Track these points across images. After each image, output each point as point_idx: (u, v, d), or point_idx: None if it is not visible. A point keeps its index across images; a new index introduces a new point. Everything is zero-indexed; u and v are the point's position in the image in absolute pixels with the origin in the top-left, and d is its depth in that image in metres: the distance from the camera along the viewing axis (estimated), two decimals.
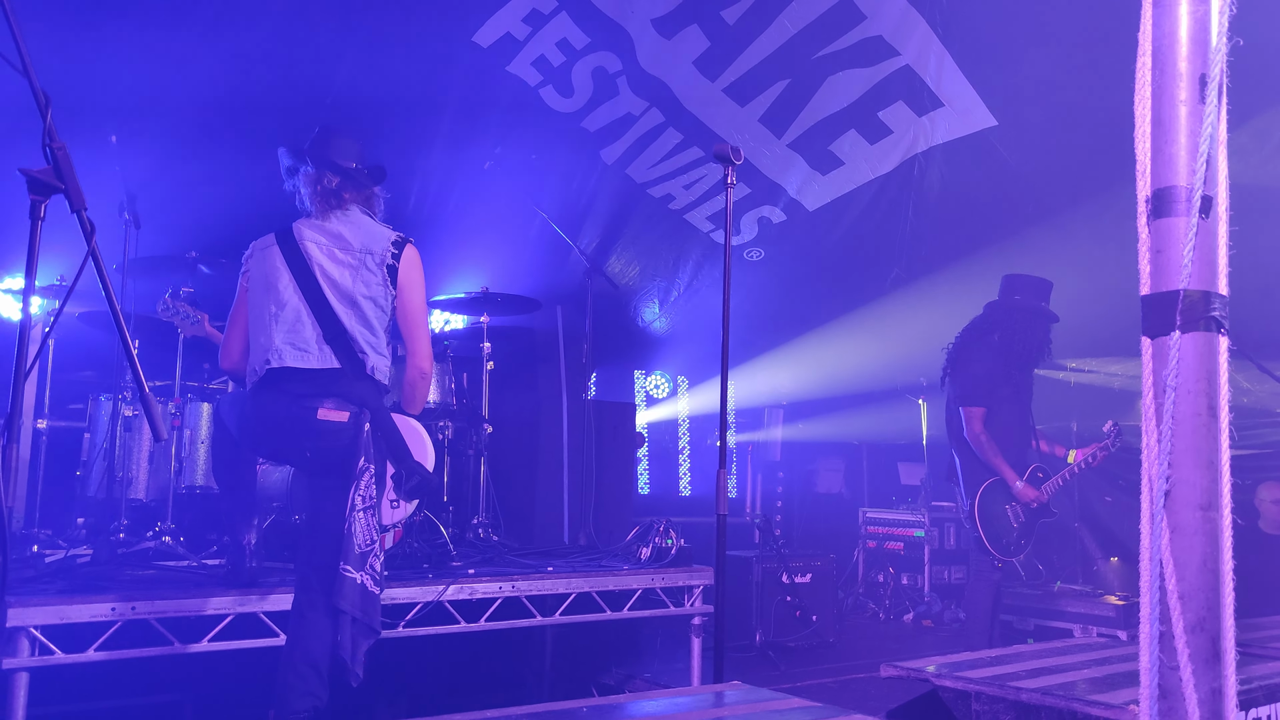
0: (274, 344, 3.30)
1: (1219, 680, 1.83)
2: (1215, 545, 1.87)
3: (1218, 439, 1.91)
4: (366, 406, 3.31)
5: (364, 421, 3.28)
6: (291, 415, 3.25)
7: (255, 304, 3.42)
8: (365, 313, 3.38)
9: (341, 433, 3.26)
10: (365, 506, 3.20)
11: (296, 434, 3.26)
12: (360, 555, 3.17)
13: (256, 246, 3.51)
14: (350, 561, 3.14)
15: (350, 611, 3.13)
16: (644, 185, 6.88)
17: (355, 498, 3.18)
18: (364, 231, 3.46)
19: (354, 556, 3.15)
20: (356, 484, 3.20)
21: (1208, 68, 1.95)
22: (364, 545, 3.18)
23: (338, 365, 3.31)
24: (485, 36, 5.63)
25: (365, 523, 3.19)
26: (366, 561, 3.18)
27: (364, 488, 3.21)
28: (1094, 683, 2.32)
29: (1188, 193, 1.95)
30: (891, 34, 5.67)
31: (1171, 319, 1.92)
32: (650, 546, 4.86)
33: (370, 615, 3.18)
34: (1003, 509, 5.15)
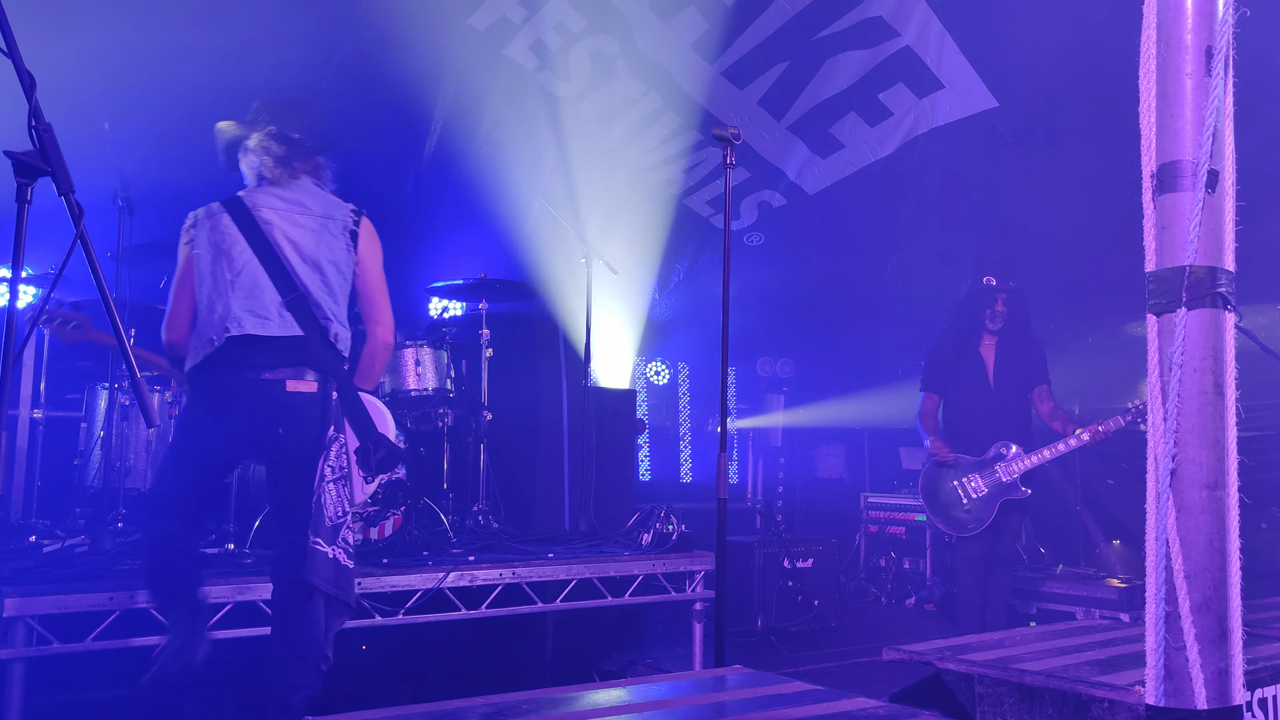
0: (232, 311, 3.15)
1: (1226, 660, 1.81)
2: (1222, 525, 1.85)
3: (1224, 417, 1.89)
4: (333, 375, 3.20)
5: (331, 390, 3.17)
6: (259, 393, 3.11)
7: (206, 272, 3.24)
8: (329, 278, 3.27)
9: (312, 404, 3.15)
10: (336, 477, 3.09)
11: (268, 412, 3.11)
12: (332, 528, 3.05)
13: (200, 215, 3.33)
14: (321, 534, 3.02)
15: (323, 587, 3.02)
16: (643, 169, 6.84)
17: (325, 468, 3.07)
18: (322, 198, 3.38)
19: (325, 529, 3.03)
20: (326, 454, 3.09)
21: (1214, 40, 1.92)
22: (335, 517, 3.07)
23: (300, 333, 3.18)
24: (481, 20, 5.59)
25: (336, 494, 3.08)
26: (339, 534, 3.07)
27: (334, 458, 3.10)
28: (1098, 664, 2.30)
29: (1194, 167, 1.92)
30: (892, 15, 5.63)
31: (1178, 295, 1.89)
32: (651, 532, 4.84)
33: (344, 590, 3.08)
34: (950, 485, 5.24)
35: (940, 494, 5.30)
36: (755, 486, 8.99)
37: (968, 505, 5.20)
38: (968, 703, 2.36)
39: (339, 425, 3.16)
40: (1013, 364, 5.37)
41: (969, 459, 5.28)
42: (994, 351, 5.44)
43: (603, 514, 5.90)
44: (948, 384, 5.46)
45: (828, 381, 8.81)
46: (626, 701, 2.30)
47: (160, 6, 4.92)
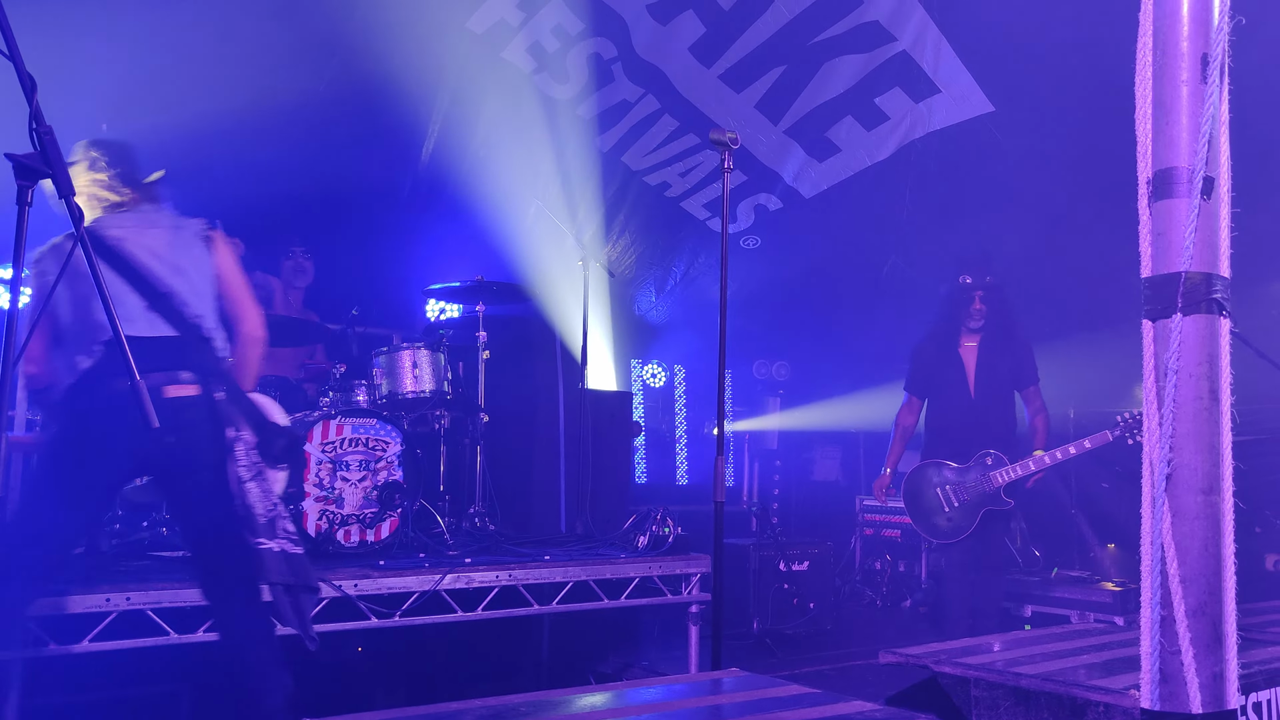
0: (97, 320, 3.00)
1: (1220, 664, 1.82)
2: (1217, 529, 1.86)
3: (1219, 422, 1.90)
4: (214, 375, 3.12)
5: (214, 391, 3.09)
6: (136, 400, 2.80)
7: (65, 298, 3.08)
8: (191, 279, 3.20)
9: (197, 407, 3.05)
10: (253, 475, 3.06)
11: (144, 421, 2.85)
12: (268, 523, 3.03)
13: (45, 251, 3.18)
14: (260, 533, 3.00)
15: (280, 581, 3.01)
16: (640, 172, 6.85)
17: (238, 470, 3.04)
18: (167, 214, 3.34)
19: (261, 526, 3.01)
20: (232, 455, 3.05)
21: (1210, 47, 1.93)
22: (266, 512, 3.04)
23: (172, 333, 3.09)
24: (479, 23, 5.60)
25: (260, 490, 3.06)
26: (277, 527, 3.05)
27: (243, 456, 3.07)
28: (1093, 668, 2.31)
29: (1189, 174, 1.93)
30: (888, 19, 5.65)
31: (1173, 301, 1.91)
32: (647, 535, 4.84)
33: (302, 575, 3.06)
34: (933, 490, 5.17)
35: (922, 500, 5.22)
36: (751, 489, 9.00)
37: (949, 513, 5.13)
38: (964, 706, 2.37)
39: (236, 424, 3.09)
40: (995, 366, 5.26)
41: (952, 466, 5.19)
42: (975, 353, 5.33)
43: (599, 516, 5.91)
44: (929, 387, 5.40)
45: (824, 384, 8.83)
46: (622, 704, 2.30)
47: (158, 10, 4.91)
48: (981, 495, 5.06)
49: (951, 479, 5.14)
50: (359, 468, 4.49)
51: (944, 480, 5.16)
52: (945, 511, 5.13)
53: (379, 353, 5.09)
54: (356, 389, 5.00)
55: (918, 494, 5.24)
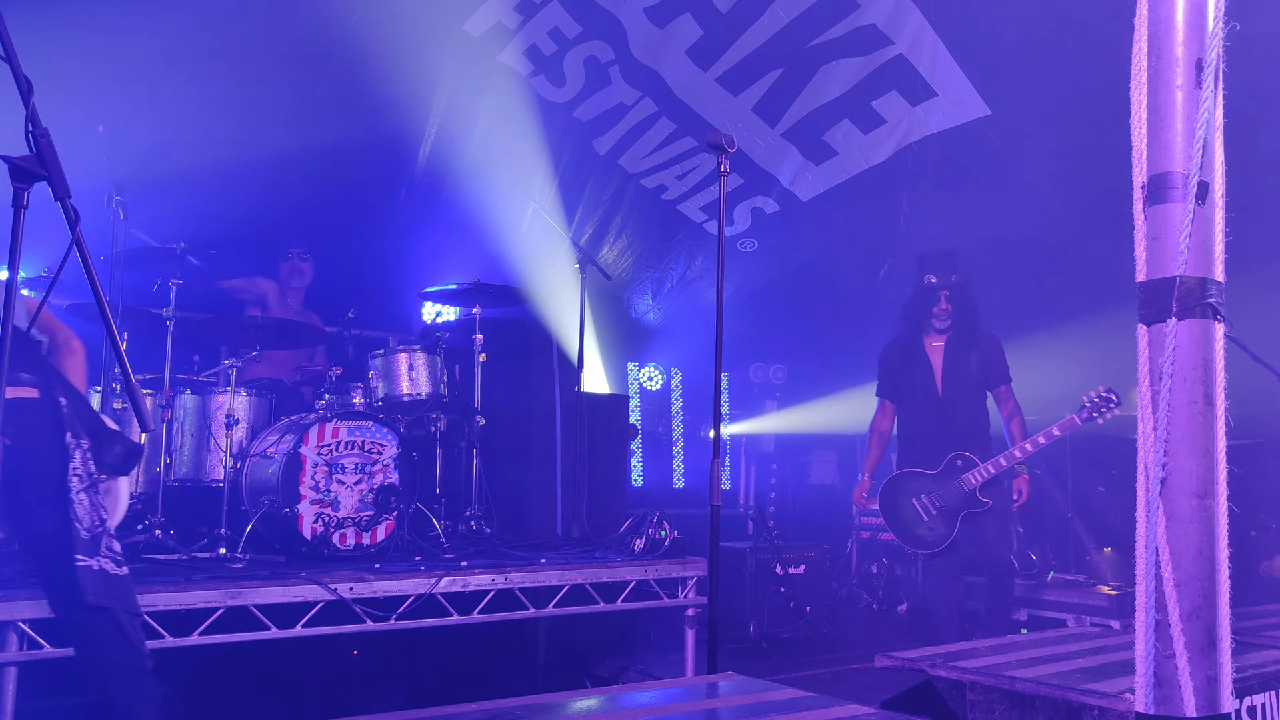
0: None
1: (1214, 668, 1.82)
2: (1211, 533, 1.86)
3: (1214, 427, 1.90)
4: (54, 379, 2.98)
5: (57, 396, 2.95)
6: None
7: None
8: None
9: (39, 410, 2.90)
10: (86, 485, 2.89)
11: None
12: (91, 539, 2.84)
13: None
14: (81, 550, 2.81)
15: (96, 602, 2.80)
16: (637, 175, 6.85)
17: (72, 479, 2.87)
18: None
19: (83, 543, 2.82)
20: (71, 463, 2.88)
21: (1204, 52, 1.94)
22: (92, 526, 2.86)
23: None
24: (476, 25, 5.60)
25: (90, 503, 2.88)
26: (100, 544, 2.86)
27: (80, 466, 2.90)
28: (1088, 672, 2.31)
29: (1184, 179, 1.93)
30: (885, 23, 5.65)
31: (1168, 305, 1.91)
32: (644, 538, 4.84)
33: (123, 600, 2.86)
34: (909, 501, 5.07)
35: (900, 512, 5.13)
36: (748, 492, 9.00)
37: (928, 522, 5.05)
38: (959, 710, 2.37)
39: (76, 431, 2.93)
40: (962, 366, 5.18)
41: (925, 473, 5.11)
42: (942, 353, 5.25)
43: (595, 519, 5.91)
44: (898, 390, 5.34)
45: (821, 388, 8.83)
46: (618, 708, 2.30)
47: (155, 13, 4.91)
48: (957, 500, 4.99)
49: (925, 488, 5.07)
50: (355, 470, 4.48)
51: (918, 490, 5.08)
52: (925, 521, 5.05)
53: (375, 355, 5.09)
54: (353, 391, 5.00)
55: (894, 507, 5.15)
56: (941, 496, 5.02)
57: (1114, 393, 4.85)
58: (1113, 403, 4.84)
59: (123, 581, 2.87)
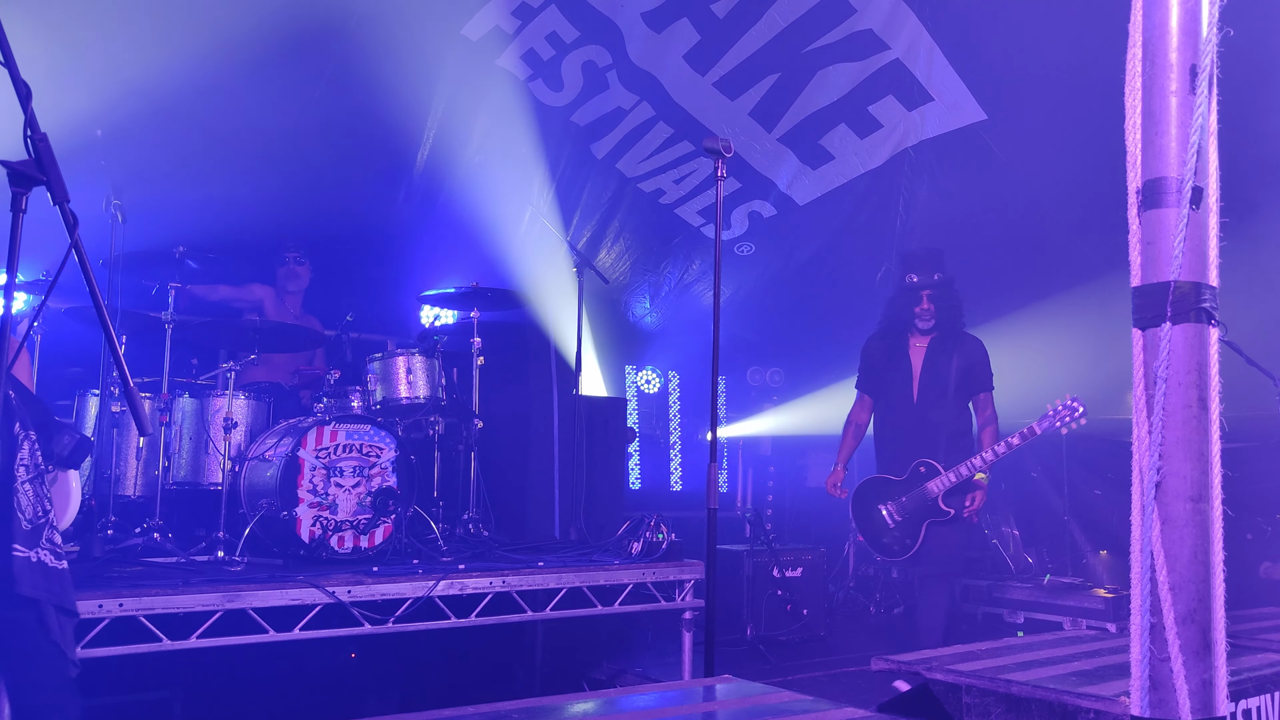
0: None
1: (1210, 671, 1.83)
2: (1206, 537, 1.87)
3: (1208, 431, 1.91)
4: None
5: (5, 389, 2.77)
6: None
7: None
8: None
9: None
10: (31, 476, 2.85)
11: None
12: (32, 530, 2.78)
13: None
14: (20, 540, 2.75)
15: (31, 594, 2.73)
16: (634, 179, 6.87)
17: (18, 468, 2.83)
18: None
19: (23, 533, 2.76)
20: (19, 453, 2.85)
21: (1198, 59, 1.95)
22: (35, 517, 2.82)
23: None
24: (474, 30, 5.61)
25: (34, 493, 2.84)
26: (41, 535, 2.80)
27: (27, 456, 2.86)
28: (1084, 675, 2.32)
29: (1178, 184, 1.94)
30: (882, 28, 5.67)
31: (1162, 310, 1.92)
32: (641, 541, 4.84)
33: (58, 595, 2.79)
34: (875, 507, 4.99)
35: (869, 519, 5.03)
36: (745, 495, 9.01)
37: (894, 529, 4.94)
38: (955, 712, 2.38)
39: (24, 422, 2.89)
40: (942, 370, 5.02)
41: (891, 480, 5.01)
42: (923, 355, 5.08)
43: (593, 522, 5.92)
44: (877, 387, 5.20)
45: (818, 391, 8.84)
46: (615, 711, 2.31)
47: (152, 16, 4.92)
48: (920, 508, 4.89)
49: (891, 494, 4.97)
50: (353, 474, 4.49)
51: (884, 497, 4.99)
52: (890, 529, 4.95)
53: (373, 359, 5.10)
54: (351, 395, 5.00)
55: (864, 513, 5.06)
56: (905, 504, 4.92)
57: (1079, 402, 4.76)
58: (1077, 412, 4.75)
59: (61, 576, 2.80)
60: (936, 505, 4.86)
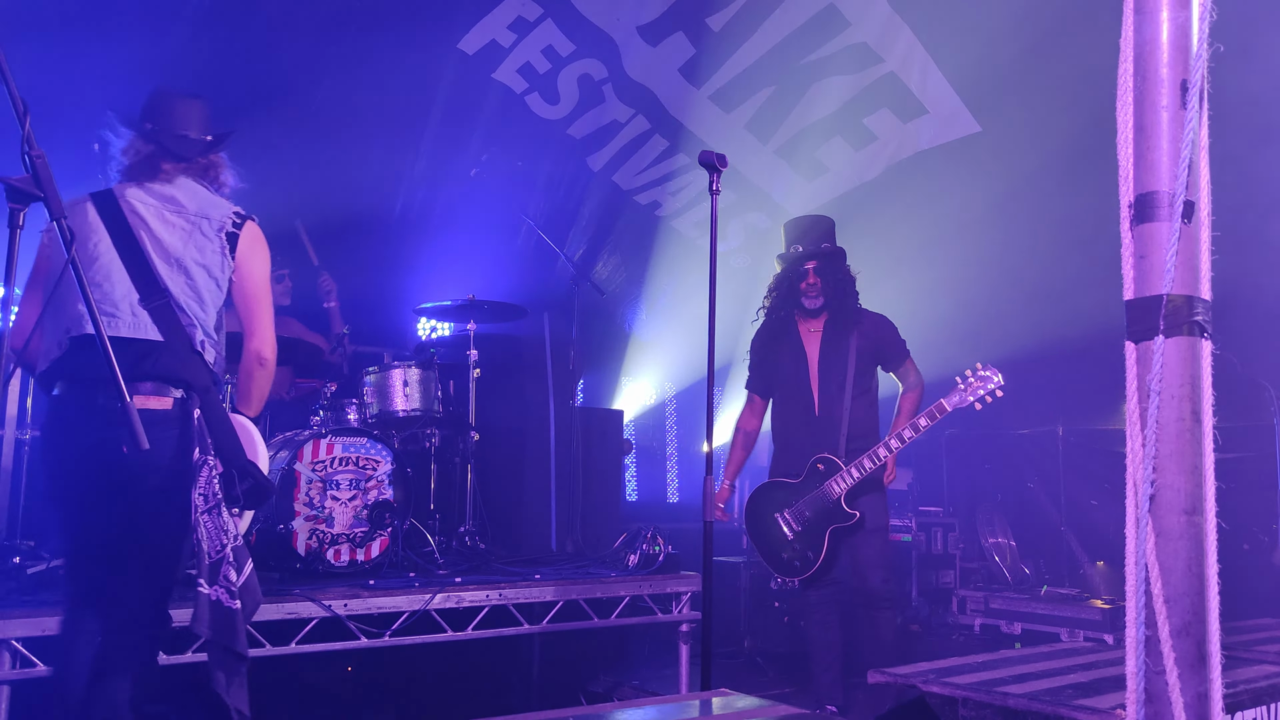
0: (76, 310, 2.71)
1: (1205, 684, 1.84)
2: (1200, 549, 1.88)
3: (1202, 443, 1.92)
4: (195, 389, 2.76)
5: (192, 408, 2.73)
6: (98, 408, 2.62)
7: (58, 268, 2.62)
8: (195, 281, 2.88)
9: (166, 423, 2.69)
10: (209, 507, 2.67)
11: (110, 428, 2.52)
12: (212, 565, 2.63)
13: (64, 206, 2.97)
14: (202, 573, 2.63)
15: (201, 633, 2.63)
16: (630, 192, 6.89)
17: (196, 497, 2.66)
18: (199, 197, 2.97)
19: (205, 567, 2.62)
20: (196, 481, 2.67)
21: (1189, 74, 1.96)
22: (214, 552, 2.65)
23: (158, 337, 2.77)
24: (471, 44, 5.64)
25: (213, 525, 2.66)
26: (219, 572, 2.65)
27: (204, 485, 2.68)
28: (1080, 687, 2.32)
29: (1170, 198, 1.96)
30: (876, 41, 5.70)
31: (1155, 323, 1.93)
32: (638, 553, 4.84)
33: (228, 636, 2.65)
34: (771, 517, 4.31)
35: (764, 533, 4.32)
36: (743, 507, 9.00)
37: (793, 541, 4.26)
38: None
39: (205, 447, 2.72)
40: (841, 354, 4.34)
41: (787, 484, 4.36)
42: (819, 341, 4.41)
43: (589, 534, 5.91)
44: (769, 387, 4.53)
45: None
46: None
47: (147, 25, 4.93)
48: (822, 511, 4.21)
49: (788, 500, 4.29)
50: (349, 486, 4.48)
51: (780, 503, 4.30)
52: (789, 540, 4.27)
53: (370, 371, 5.10)
54: (347, 408, 5.01)
55: (758, 527, 4.36)
56: (804, 508, 4.23)
57: (993, 370, 4.13)
58: (991, 383, 4.11)
59: (235, 617, 2.66)
60: (839, 508, 4.17)
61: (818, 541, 4.19)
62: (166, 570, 2.76)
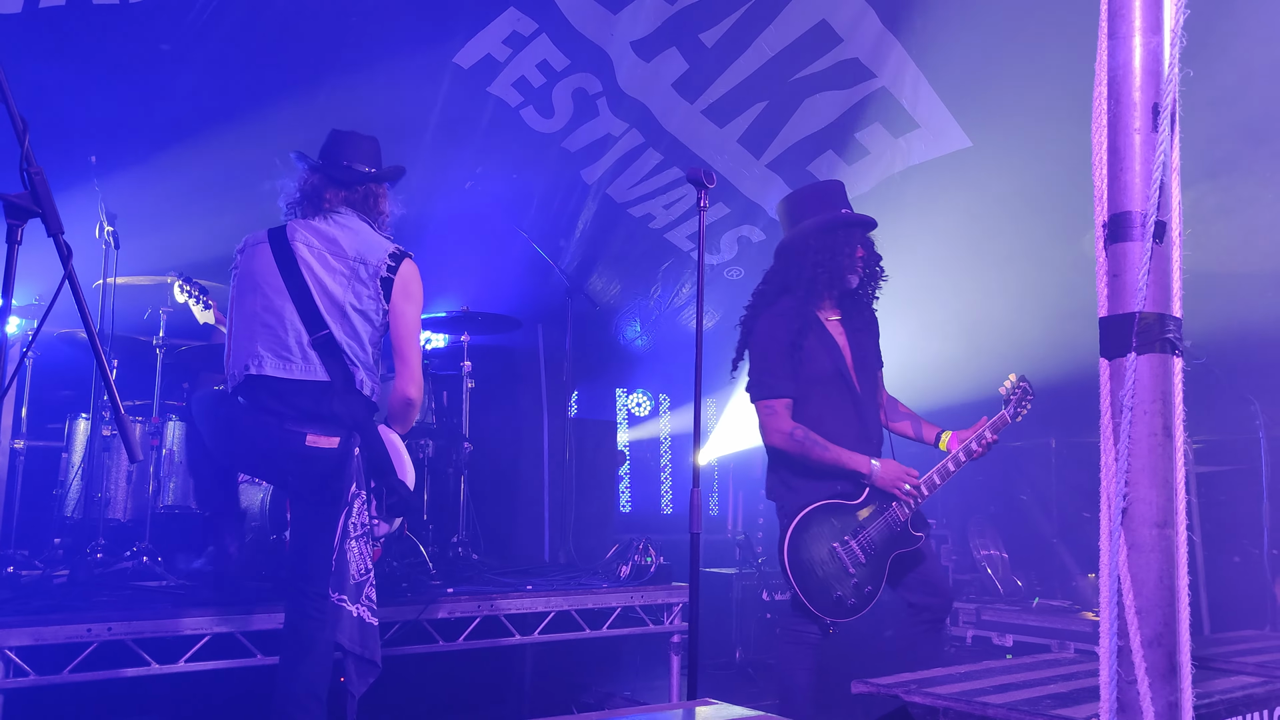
0: (255, 349, 3.13)
1: (1175, 694, 1.87)
2: (1171, 562, 1.92)
3: (1173, 458, 1.96)
4: (357, 429, 3.14)
5: (354, 446, 3.11)
6: (274, 438, 3.07)
7: (241, 304, 3.24)
8: (355, 325, 3.20)
9: (329, 458, 3.08)
10: (359, 534, 3.07)
11: (280, 458, 3.09)
12: (355, 586, 3.04)
13: (249, 241, 3.32)
14: (346, 592, 3.03)
15: (349, 647, 3.02)
16: (624, 205, 6.94)
17: (347, 524, 3.05)
18: (360, 239, 3.27)
19: (349, 587, 3.03)
20: (349, 510, 3.06)
21: (1160, 97, 2.01)
22: (359, 575, 3.06)
23: (325, 379, 3.13)
24: (466, 58, 5.69)
25: (359, 551, 3.07)
26: (362, 592, 3.07)
27: (356, 514, 3.08)
28: (1059, 697, 2.36)
29: (1142, 218, 2.00)
30: (868, 57, 5.76)
31: (1128, 340, 1.97)
32: (629, 564, 4.88)
33: (369, 649, 3.06)
34: (829, 549, 3.56)
35: (816, 565, 3.55)
36: (736, 518, 9.02)
37: (854, 574, 3.56)
38: None
39: (361, 482, 3.11)
40: (868, 346, 3.86)
41: (848, 505, 3.65)
42: (843, 331, 3.82)
43: (583, 545, 5.94)
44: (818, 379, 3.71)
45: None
46: None
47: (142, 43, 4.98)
48: (889, 538, 3.64)
49: (850, 526, 3.61)
50: None
51: (840, 531, 3.60)
52: (848, 574, 3.56)
53: None
54: None
55: (808, 560, 3.55)
56: (871, 536, 3.61)
57: (1025, 380, 3.73)
58: (1027, 392, 3.70)
59: (374, 632, 3.09)
60: (906, 532, 3.66)
61: (878, 573, 3.61)
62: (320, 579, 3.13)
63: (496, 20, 5.53)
